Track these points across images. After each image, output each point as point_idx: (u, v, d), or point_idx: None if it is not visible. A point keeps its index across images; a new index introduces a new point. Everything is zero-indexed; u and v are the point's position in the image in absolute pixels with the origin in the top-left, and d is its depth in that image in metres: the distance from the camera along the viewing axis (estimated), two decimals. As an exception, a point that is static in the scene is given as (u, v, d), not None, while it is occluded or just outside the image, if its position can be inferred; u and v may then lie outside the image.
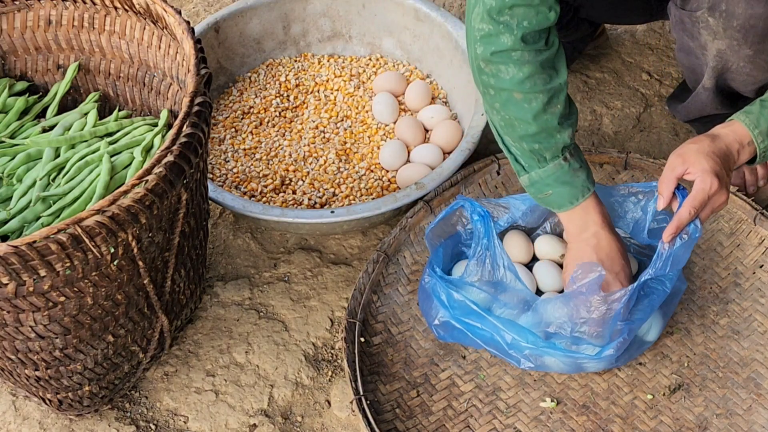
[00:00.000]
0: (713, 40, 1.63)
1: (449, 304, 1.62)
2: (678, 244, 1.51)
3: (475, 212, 1.62)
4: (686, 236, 1.51)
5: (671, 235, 1.50)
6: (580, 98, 2.20)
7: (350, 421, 1.68)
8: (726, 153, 1.52)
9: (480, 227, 1.60)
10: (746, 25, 1.56)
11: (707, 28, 1.62)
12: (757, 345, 1.65)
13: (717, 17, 1.58)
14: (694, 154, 1.49)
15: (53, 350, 1.49)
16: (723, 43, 1.62)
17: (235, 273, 1.92)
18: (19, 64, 1.82)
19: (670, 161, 1.52)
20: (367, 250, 1.94)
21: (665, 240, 1.51)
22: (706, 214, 1.51)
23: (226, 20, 2.13)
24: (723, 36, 1.60)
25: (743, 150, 1.54)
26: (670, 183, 1.51)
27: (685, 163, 1.50)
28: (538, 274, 1.74)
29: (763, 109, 1.54)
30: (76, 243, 1.31)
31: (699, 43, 1.67)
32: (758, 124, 1.53)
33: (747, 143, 1.53)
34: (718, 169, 1.48)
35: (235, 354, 1.78)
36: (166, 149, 1.39)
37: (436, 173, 1.83)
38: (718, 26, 1.59)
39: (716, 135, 1.53)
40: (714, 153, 1.50)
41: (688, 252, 1.53)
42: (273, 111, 2.11)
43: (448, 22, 2.08)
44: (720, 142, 1.52)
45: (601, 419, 1.58)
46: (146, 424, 1.69)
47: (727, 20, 1.57)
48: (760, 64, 1.62)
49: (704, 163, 1.48)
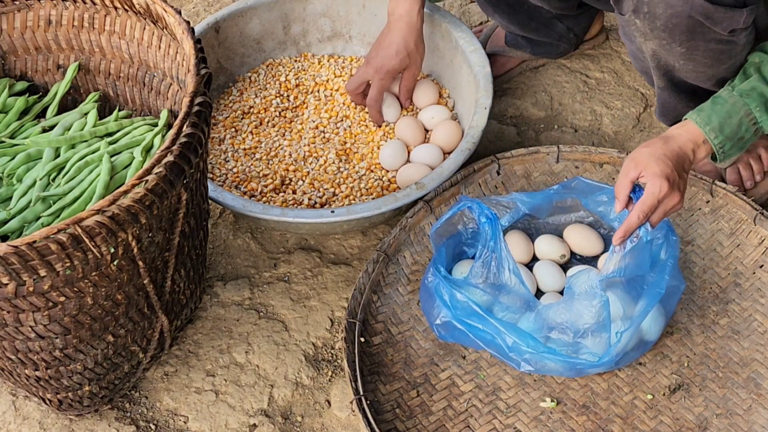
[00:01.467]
0: (645, 41, 1.63)
1: (452, 304, 1.62)
2: (628, 247, 1.52)
3: (482, 214, 1.62)
4: (636, 239, 1.52)
5: (620, 238, 1.52)
6: (580, 98, 2.20)
7: (350, 421, 1.68)
8: (679, 154, 1.53)
9: (488, 229, 1.61)
10: (669, 24, 1.56)
11: (637, 30, 1.62)
12: (757, 345, 1.65)
13: (642, 18, 1.59)
14: (645, 158, 1.51)
15: (53, 350, 1.49)
16: (654, 44, 1.62)
17: (235, 273, 1.92)
18: (19, 64, 1.82)
19: (624, 166, 1.54)
20: (367, 250, 1.94)
21: (614, 243, 1.53)
22: (658, 217, 1.52)
23: (226, 20, 2.13)
24: (651, 36, 1.61)
25: (698, 148, 1.55)
26: (624, 187, 1.53)
27: (637, 167, 1.51)
28: (538, 274, 1.74)
29: (714, 105, 1.55)
30: (76, 243, 1.31)
31: (636, 45, 1.68)
32: (709, 121, 1.54)
33: (701, 141, 1.55)
34: (669, 172, 1.49)
35: (235, 354, 1.78)
36: (166, 149, 1.39)
37: (436, 173, 1.83)
38: (645, 27, 1.60)
39: (669, 137, 1.55)
40: (666, 156, 1.51)
41: (645, 256, 1.54)
42: (273, 111, 2.11)
43: (448, 22, 2.08)
44: (673, 144, 1.53)
45: (601, 419, 1.58)
46: (146, 424, 1.69)
47: (651, 21, 1.58)
48: (699, 59, 1.62)
49: (654, 167, 1.49)
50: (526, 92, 2.23)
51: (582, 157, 1.90)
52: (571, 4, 2.07)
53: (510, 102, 2.21)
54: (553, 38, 2.17)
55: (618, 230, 1.51)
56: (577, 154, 1.90)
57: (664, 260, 1.58)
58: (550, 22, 2.12)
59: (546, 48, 2.19)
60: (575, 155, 1.90)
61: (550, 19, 2.12)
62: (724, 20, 1.53)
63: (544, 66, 2.27)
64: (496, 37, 2.23)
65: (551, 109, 2.20)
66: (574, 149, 1.90)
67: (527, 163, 1.91)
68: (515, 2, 2.07)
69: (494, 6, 2.09)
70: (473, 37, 2.04)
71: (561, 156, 1.90)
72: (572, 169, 1.90)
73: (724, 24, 1.54)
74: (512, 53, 2.21)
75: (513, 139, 2.14)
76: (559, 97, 2.21)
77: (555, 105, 2.20)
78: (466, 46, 2.02)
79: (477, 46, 2.02)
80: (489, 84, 1.94)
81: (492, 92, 1.93)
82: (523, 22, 2.11)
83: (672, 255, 1.58)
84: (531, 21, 2.11)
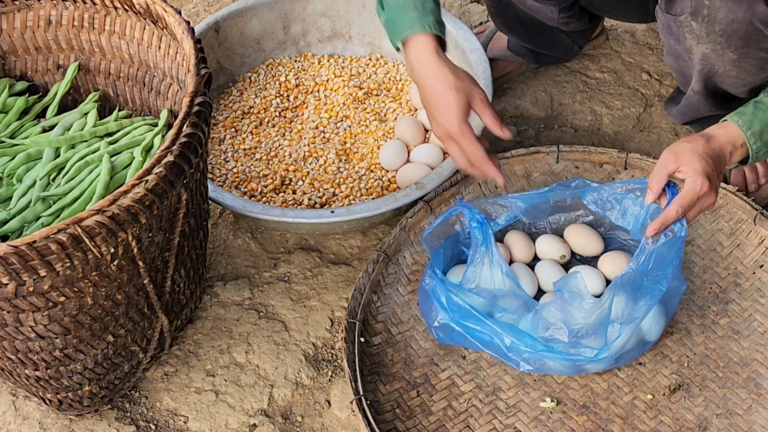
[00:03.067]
0: (697, 44, 1.63)
1: (449, 306, 1.62)
2: (661, 241, 1.52)
3: (473, 219, 1.62)
4: (671, 234, 1.51)
5: (655, 230, 1.51)
6: (580, 98, 2.20)
7: (350, 421, 1.68)
8: (719, 154, 1.52)
9: (478, 234, 1.61)
10: (728, 30, 1.56)
11: (691, 32, 1.62)
12: (757, 345, 1.65)
13: (699, 22, 1.58)
14: (687, 153, 1.50)
15: (53, 350, 1.49)
16: (707, 48, 1.62)
17: (235, 273, 1.92)
18: (19, 64, 1.82)
19: (662, 157, 1.52)
20: (367, 250, 1.94)
21: (648, 234, 1.52)
22: (693, 214, 1.51)
23: (226, 20, 2.13)
24: (706, 40, 1.60)
25: (736, 151, 1.55)
26: (660, 179, 1.52)
27: (677, 161, 1.50)
28: (540, 273, 1.74)
29: (756, 110, 1.55)
30: (76, 243, 1.31)
31: (684, 46, 1.68)
32: (751, 125, 1.53)
33: (740, 145, 1.54)
34: (709, 171, 1.49)
35: (235, 354, 1.78)
36: (166, 149, 1.39)
37: (436, 173, 1.83)
38: (701, 30, 1.60)
39: (710, 136, 1.54)
40: (707, 154, 1.50)
41: (674, 252, 1.54)
42: (273, 111, 2.11)
43: (448, 22, 2.07)
44: (714, 143, 1.52)
45: (601, 419, 1.58)
46: (146, 424, 1.69)
47: (710, 25, 1.57)
48: (745, 67, 1.62)
49: (696, 164, 1.48)
50: (526, 92, 2.23)
51: (582, 157, 1.90)
52: (585, 21, 2.08)
53: (510, 102, 2.21)
54: (559, 51, 2.19)
55: (653, 222, 1.51)
56: (577, 154, 1.90)
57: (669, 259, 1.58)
58: (558, 37, 2.14)
59: (550, 58, 2.22)
60: (575, 155, 1.90)
61: (559, 34, 2.12)
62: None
63: (544, 66, 2.28)
64: (497, 40, 2.23)
65: (551, 109, 2.20)
66: (574, 149, 1.90)
67: (527, 163, 1.91)
68: (531, 22, 2.07)
69: (510, 27, 2.10)
70: (473, 37, 2.05)
71: (561, 156, 1.90)
72: (572, 169, 1.90)
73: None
74: (514, 59, 2.22)
75: (513, 138, 2.13)
76: (559, 97, 2.21)
77: (555, 105, 2.20)
78: (466, 46, 2.03)
79: (477, 46, 2.02)
80: (489, 84, 1.94)
81: (492, 92, 1.93)
82: (534, 38, 2.13)
83: (677, 255, 1.58)
84: (541, 37, 2.12)
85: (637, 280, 1.56)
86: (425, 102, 1.62)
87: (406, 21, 1.59)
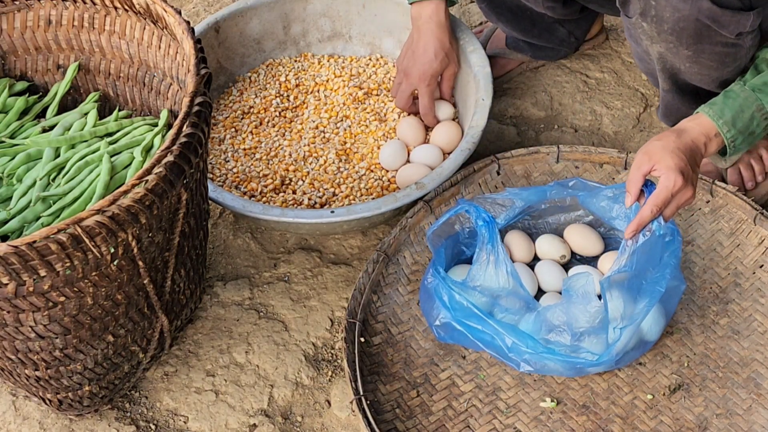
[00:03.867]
0: (651, 44, 1.63)
1: (451, 305, 1.62)
2: (640, 241, 1.52)
3: (479, 217, 1.62)
4: (648, 233, 1.51)
5: (633, 231, 1.51)
6: (580, 98, 2.20)
7: (350, 421, 1.68)
8: (692, 147, 1.52)
9: (485, 233, 1.61)
10: (676, 28, 1.56)
11: (644, 32, 1.62)
12: (757, 345, 1.65)
13: (649, 22, 1.59)
14: (659, 151, 1.50)
15: (53, 350, 1.49)
16: (661, 47, 1.62)
17: (235, 273, 1.92)
18: (19, 64, 1.82)
19: (636, 159, 1.53)
20: (367, 250, 1.94)
21: (626, 236, 1.52)
22: (671, 211, 1.51)
23: (226, 20, 2.13)
24: (659, 39, 1.60)
25: (710, 142, 1.55)
26: (636, 181, 1.52)
27: (651, 160, 1.50)
28: (539, 274, 1.74)
29: (726, 99, 1.55)
30: (76, 243, 1.31)
31: (642, 47, 1.68)
32: (722, 114, 1.54)
33: (713, 135, 1.54)
34: (683, 166, 1.49)
35: (235, 354, 1.78)
36: (166, 149, 1.39)
37: (436, 173, 1.83)
38: (652, 30, 1.60)
39: (682, 129, 1.54)
40: (679, 149, 1.50)
41: (669, 251, 1.54)
42: (273, 111, 2.11)
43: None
44: (686, 137, 1.53)
45: (601, 419, 1.58)
46: (146, 424, 1.69)
47: (659, 24, 1.57)
48: (704, 63, 1.62)
49: (669, 161, 1.48)
50: (526, 92, 2.23)
51: (582, 157, 1.90)
52: (573, 10, 2.07)
53: (510, 102, 2.21)
54: (555, 43, 2.18)
55: (630, 224, 1.51)
56: (577, 154, 1.90)
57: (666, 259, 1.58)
58: (551, 27, 2.13)
59: (547, 52, 2.20)
60: (575, 155, 1.90)
61: (552, 23, 2.12)
62: (731, 24, 1.53)
63: (544, 66, 2.28)
64: (496, 38, 2.23)
65: (551, 109, 2.20)
66: (574, 149, 1.90)
67: (527, 163, 1.91)
68: (518, 9, 2.07)
69: (497, 13, 2.10)
70: (473, 37, 2.04)
71: (561, 156, 1.90)
72: (572, 169, 1.90)
73: (730, 27, 1.54)
74: (513, 55, 2.21)
75: (513, 139, 2.14)
76: (559, 97, 2.21)
77: (555, 105, 2.20)
78: (466, 46, 2.02)
79: (477, 46, 2.02)
80: (489, 84, 1.94)
81: (492, 92, 1.93)
82: (526, 28, 2.11)
83: (674, 255, 1.58)
84: (533, 27, 2.11)
85: (634, 283, 1.56)
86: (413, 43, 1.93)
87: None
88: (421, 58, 1.93)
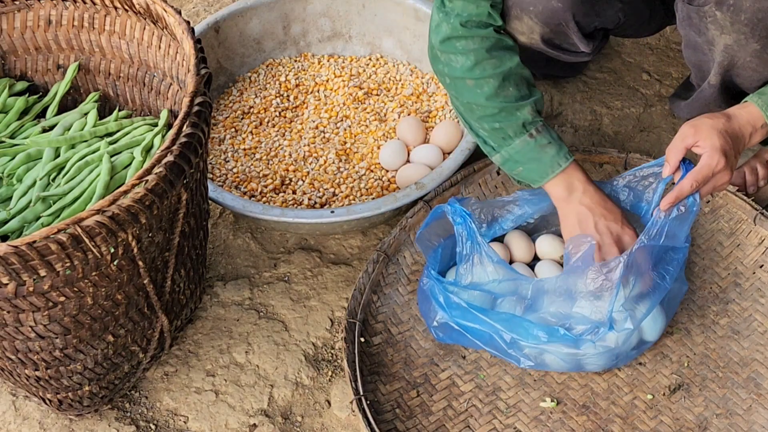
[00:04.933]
0: (720, 35, 1.62)
1: (447, 306, 1.62)
2: (674, 215, 1.51)
3: (456, 214, 1.62)
4: (683, 208, 1.51)
5: (669, 203, 1.51)
6: (580, 98, 2.20)
7: (350, 421, 1.68)
8: (738, 134, 1.52)
9: (462, 231, 1.60)
10: (754, 19, 1.55)
11: (714, 22, 1.61)
12: (757, 345, 1.65)
13: (725, 11, 1.58)
14: (707, 128, 1.50)
15: (53, 350, 1.49)
16: (730, 38, 1.61)
17: (235, 273, 1.92)
18: (19, 64, 1.82)
19: (682, 130, 1.52)
20: (367, 250, 1.94)
21: (662, 208, 1.51)
22: (707, 190, 1.51)
23: (226, 20, 2.13)
24: (730, 30, 1.60)
25: (756, 133, 1.55)
26: (678, 152, 1.52)
27: (696, 135, 1.50)
28: (540, 273, 1.74)
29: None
30: (76, 243, 1.31)
31: (706, 38, 1.67)
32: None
33: (760, 126, 1.54)
34: (727, 149, 1.48)
35: (235, 354, 1.78)
36: (166, 149, 1.39)
37: (436, 173, 1.83)
38: (725, 20, 1.59)
39: (731, 115, 1.54)
40: (727, 132, 1.50)
41: (684, 228, 1.53)
42: (273, 111, 2.11)
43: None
44: (734, 123, 1.52)
45: (601, 419, 1.58)
46: (146, 424, 1.69)
47: (735, 14, 1.57)
48: (766, 59, 1.62)
49: (715, 140, 1.48)
50: (526, 92, 2.23)
51: (582, 157, 1.90)
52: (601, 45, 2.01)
53: (510, 102, 2.21)
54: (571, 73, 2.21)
55: (668, 195, 1.50)
56: (577, 154, 1.90)
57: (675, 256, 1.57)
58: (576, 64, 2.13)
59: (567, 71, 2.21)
60: (575, 155, 1.90)
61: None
62: None
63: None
64: None
65: (551, 109, 2.20)
66: (574, 149, 1.90)
67: (527, 163, 1.91)
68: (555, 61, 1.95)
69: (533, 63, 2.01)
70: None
71: (561, 156, 1.90)
72: (572, 169, 1.90)
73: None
74: None
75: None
76: (559, 97, 2.21)
77: (555, 105, 2.20)
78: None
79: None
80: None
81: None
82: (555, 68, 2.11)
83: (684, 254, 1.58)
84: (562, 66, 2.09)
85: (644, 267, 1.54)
86: (598, 217, 1.63)
87: (549, 159, 1.64)
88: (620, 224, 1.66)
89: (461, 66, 1.63)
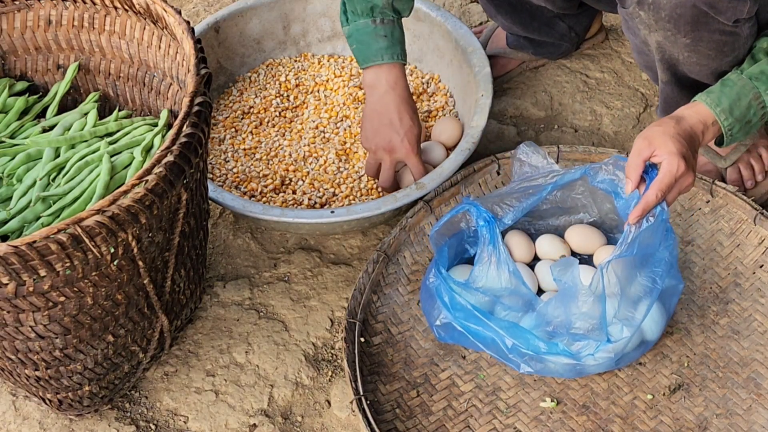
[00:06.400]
0: (650, 33, 1.63)
1: (452, 306, 1.61)
2: (644, 226, 1.51)
3: (480, 217, 1.62)
4: (652, 219, 1.51)
5: (637, 217, 1.50)
6: (580, 98, 2.20)
7: (350, 421, 1.68)
8: (690, 134, 1.52)
9: (485, 233, 1.60)
10: (674, 15, 1.56)
11: (642, 22, 1.62)
12: (757, 345, 1.65)
13: (646, 10, 1.59)
14: (659, 136, 1.50)
15: (53, 350, 1.49)
16: (659, 35, 1.62)
17: (235, 273, 1.92)
18: (19, 64, 1.82)
19: (636, 144, 1.52)
20: (367, 250, 1.94)
21: (631, 222, 1.51)
22: (673, 196, 1.51)
23: (226, 20, 2.13)
24: (656, 28, 1.60)
25: (708, 130, 1.55)
26: (636, 167, 1.51)
27: (651, 145, 1.50)
28: (539, 273, 1.74)
29: (723, 87, 1.55)
30: (76, 243, 1.31)
31: (641, 39, 1.68)
32: (719, 102, 1.54)
33: (711, 123, 1.54)
34: (684, 151, 1.48)
35: (235, 354, 1.78)
36: (166, 149, 1.40)
37: (436, 173, 1.83)
38: (649, 19, 1.60)
39: (680, 117, 1.54)
40: (679, 135, 1.50)
41: (657, 233, 1.53)
42: (273, 111, 2.11)
43: (448, 22, 2.08)
44: (684, 124, 1.53)
45: (601, 419, 1.58)
46: (146, 424, 1.69)
47: (656, 12, 1.57)
48: (703, 51, 1.62)
49: (670, 146, 1.48)
50: (526, 92, 2.23)
51: (582, 157, 1.90)
52: (572, 4, 2.07)
53: (510, 102, 2.21)
54: (555, 38, 2.17)
55: (635, 209, 1.50)
56: (577, 154, 1.90)
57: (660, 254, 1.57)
58: (551, 21, 2.13)
59: (548, 48, 2.19)
60: (575, 155, 1.90)
61: (552, 18, 2.12)
62: (728, 10, 1.54)
63: (544, 66, 2.27)
64: (496, 38, 2.23)
65: (551, 109, 2.20)
66: (574, 149, 1.90)
67: (527, 163, 1.91)
68: (517, 2, 2.07)
69: (497, 7, 2.09)
70: (473, 37, 2.05)
71: (561, 156, 1.90)
72: (572, 169, 1.90)
73: (728, 14, 1.54)
74: (513, 55, 2.21)
75: (513, 139, 2.13)
76: (559, 97, 2.21)
77: (555, 105, 2.20)
78: (467, 46, 2.03)
79: (477, 46, 2.02)
80: (489, 84, 1.94)
81: (492, 92, 1.93)
82: (525, 22, 2.11)
83: (671, 253, 1.58)
84: (533, 21, 2.11)
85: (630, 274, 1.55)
86: (383, 115, 1.80)
87: (376, 48, 1.78)
88: (403, 127, 1.81)
89: None
